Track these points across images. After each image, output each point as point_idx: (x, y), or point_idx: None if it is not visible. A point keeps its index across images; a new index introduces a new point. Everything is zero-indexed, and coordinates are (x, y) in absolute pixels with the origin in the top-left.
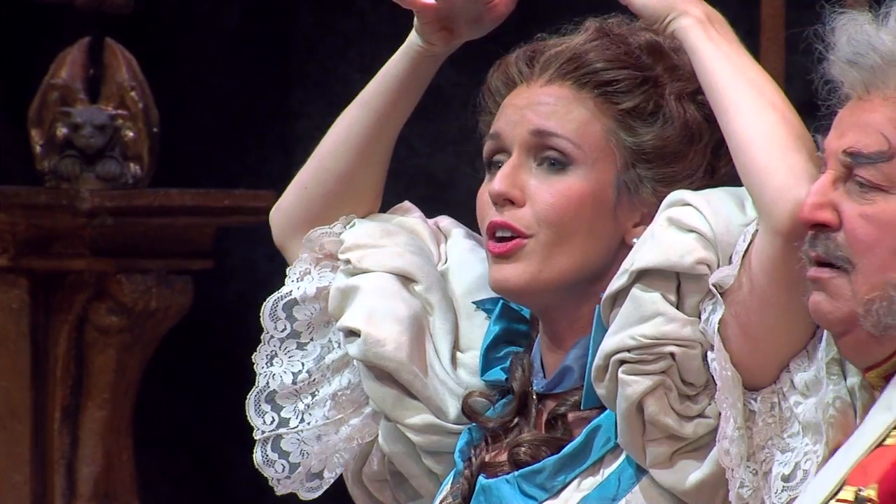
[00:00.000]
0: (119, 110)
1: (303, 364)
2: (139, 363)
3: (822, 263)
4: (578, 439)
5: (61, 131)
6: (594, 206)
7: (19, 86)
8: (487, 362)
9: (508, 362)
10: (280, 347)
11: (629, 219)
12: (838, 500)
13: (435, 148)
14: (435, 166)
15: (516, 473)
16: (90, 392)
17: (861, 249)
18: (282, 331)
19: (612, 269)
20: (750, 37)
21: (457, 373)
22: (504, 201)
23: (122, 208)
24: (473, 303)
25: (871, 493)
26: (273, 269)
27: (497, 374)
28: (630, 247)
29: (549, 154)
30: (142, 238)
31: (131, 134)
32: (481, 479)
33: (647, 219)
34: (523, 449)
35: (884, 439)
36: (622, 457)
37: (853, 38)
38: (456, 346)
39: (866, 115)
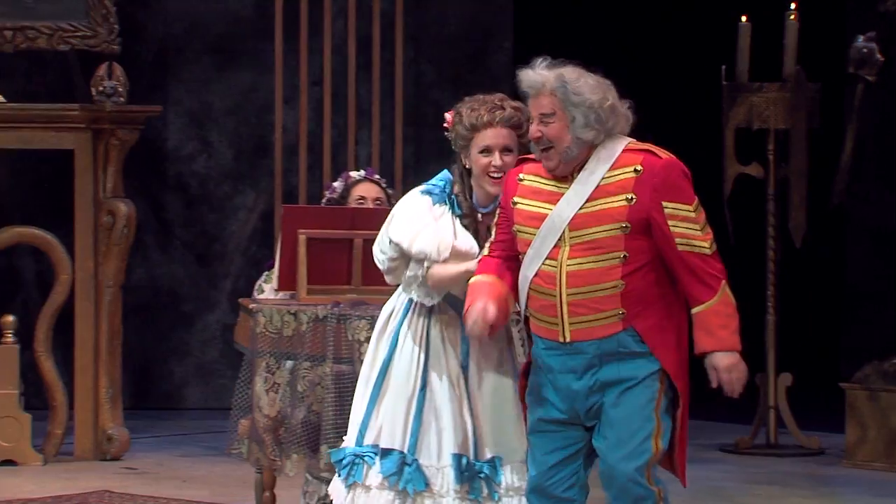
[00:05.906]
0: (118, 83)
1: None
2: (127, 147)
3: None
4: None
5: (100, 88)
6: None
7: (89, 79)
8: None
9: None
10: None
11: None
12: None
13: None
14: None
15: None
16: (109, 157)
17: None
18: None
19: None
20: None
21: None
22: (502, 166)
23: (120, 111)
24: (421, 192)
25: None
26: (168, 121)
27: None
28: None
29: (508, 150)
30: (125, 119)
31: (121, 89)
32: None
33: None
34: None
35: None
36: None
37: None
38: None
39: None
